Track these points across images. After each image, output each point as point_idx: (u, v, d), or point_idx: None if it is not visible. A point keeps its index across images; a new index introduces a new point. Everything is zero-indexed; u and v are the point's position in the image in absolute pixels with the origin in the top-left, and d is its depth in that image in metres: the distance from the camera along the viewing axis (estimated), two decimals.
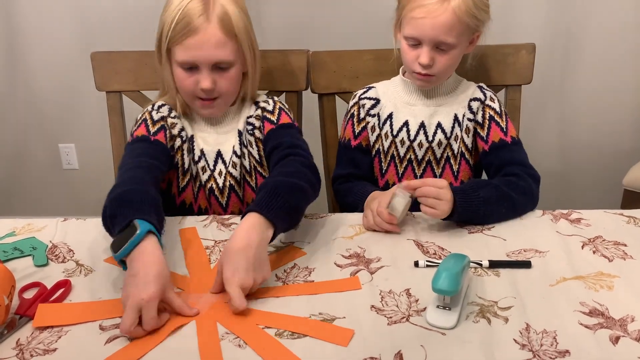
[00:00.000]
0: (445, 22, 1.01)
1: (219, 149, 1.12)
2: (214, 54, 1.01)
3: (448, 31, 1.02)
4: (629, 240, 0.92)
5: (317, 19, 2.01)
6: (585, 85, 2.06)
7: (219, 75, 1.03)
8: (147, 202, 0.86)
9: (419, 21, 1.03)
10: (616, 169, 1.92)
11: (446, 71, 1.10)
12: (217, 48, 1.00)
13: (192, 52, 1.00)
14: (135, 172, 0.96)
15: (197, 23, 0.98)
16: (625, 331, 0.70)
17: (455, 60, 1.09)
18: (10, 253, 0.92)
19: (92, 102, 2.14)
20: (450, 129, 1.15)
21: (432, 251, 0.90)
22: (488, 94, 1.15)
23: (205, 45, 0.99)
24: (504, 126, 1.13)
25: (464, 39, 1.07)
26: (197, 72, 1.02)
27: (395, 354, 0.67)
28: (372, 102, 1.18)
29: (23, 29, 2.14)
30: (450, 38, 1.03)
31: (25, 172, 2.39)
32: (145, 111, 1.10)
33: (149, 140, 1.05)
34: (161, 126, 1.07)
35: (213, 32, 0.99)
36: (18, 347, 0.70)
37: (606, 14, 1.95)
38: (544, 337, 0.69)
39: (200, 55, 1.00)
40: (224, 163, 1.12)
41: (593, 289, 0.79)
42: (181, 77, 1.04)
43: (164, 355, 0.68)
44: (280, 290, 0.81)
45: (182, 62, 1.02)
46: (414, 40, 1.06)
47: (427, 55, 1.05)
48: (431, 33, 1.03)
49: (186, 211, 1.14)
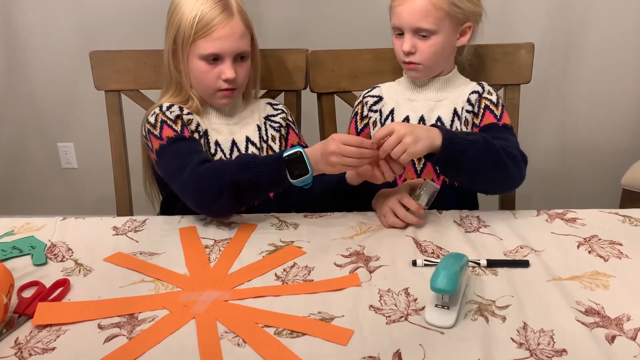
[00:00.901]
0: (420, 7, 1.06)
1: (232, 138, 1.16)
2: (239, 45, 1.08)
3: (424, 17, 1.06)
4: (624, 239, 0.92)
5: (316, 18, 2.01)
6: (584, 84, 2.06)
7: (238, 65, 1.10)
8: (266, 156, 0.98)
9: (398, 9, 1.09)
10: (615, 168, 1.93)
11: (431, 58, 1.10)
12: (241, 39, 1.09)
13: (220, 43, 1.06)
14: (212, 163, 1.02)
15: (222, 17, 1.05)
16: (621, 330, 0.70)
17: (439, 48, 1.09)
18: (9, 252, 0.92)
19: (91, 101, 2.14)
20: (449, 122, 1.16)
21: (430, 250, 0.91)
22: (487, 88, 1.17)
23: (233, 35, 1.07)
24: (498, 114, 1.14)
25: (446, 27, 1.08)
26: (220, 63, 1.08)
27: (394, 353, 0.67)
28: (375, 99, 1.20)
29: (22, 28, 2.13)
30: (426, 24, 1.06)
31: (24, 171, 2.39)
32: (155, 114, 1.09)
33: (185, 138, 1.08)
34: (182, 123, 1.10)
35: (238, 24, 1.07)
36: (17, 346, 0.70)
37: (605, 13, 1.95)
38: (541, 336, 0.69)
39: (228, 46, 1.07)
40: (239, 151, 1.15)
41: (589, 289, 0.79)
42: (204, 70, 1.08)
43: (164, 353, 0.68)
44: (280, 289, 0.81)
45: (208, 54, 1.07)
46: (397, 30, 1.11)
47: (408, 42, 1.09)
48: (408, 19, 1.07)
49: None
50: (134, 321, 0.74)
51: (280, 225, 1.01)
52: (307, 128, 1.38)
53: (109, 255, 0.91)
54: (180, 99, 1.13)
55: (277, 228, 1.00)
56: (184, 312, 0.76)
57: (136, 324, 0.74)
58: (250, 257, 0.90)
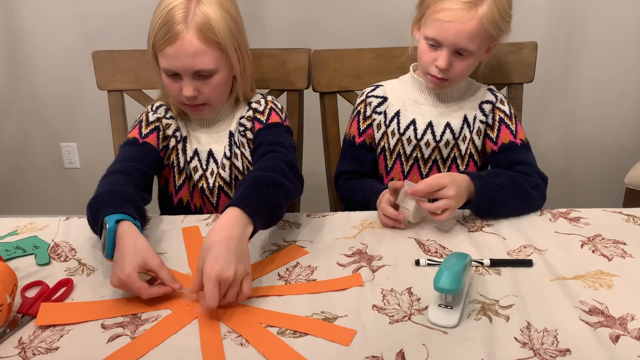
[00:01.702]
0: (471, 29, 1.01)
1: (210, 148, 1.13)
2: (192, 63, 0.99)
3: (472, 38, 1.02)
4: (628, 238, 0.92)
5: (319, 17, 2.01)
6: (587, 84, 2.06)
7: (202, 82, 1.03)
8: (116, 198, 0.88)
9: (444, 24, 1.01)
10: (618, 167, 1.93)
11: (461, 77, 1.11)
12: (195, 57, 0.99)
13: (171, 60, 1.00)
14: (112, 177, 0.99)
15: (176, 31, 0.97)
16: (625, 330, 0.70)
17: (471, 67, 1.09)
18: (13, 252, 0.92)
19: (93, 101, 2.15)
20: (459, 129, 1.15)
21: (434, 249, 0.91)
22: (499, 97, 1.16)
23: (183, 54, 0.98)
24: (514, 129, 1.14)
25: (484, 47, 1.07)
26: (180, 79, 1.03)
27: (397, 352, 0.67)
28: (379, 99, 1.19)
29: (25, 28, 2.14)
30: (472, 45, 1.03)
31: (27, 171, 2.39)
32: (144, 112, 1.13)
33: (138, 143, 1.09)
34: (155, 127, 1.10)
35: (190, 41, 0.97)
36: (20, 346, 0.70)
37: (608, 12, 1.95)
38: (545, 336, 0.69)
39: (179, 64, 1.00)
40: (215, 163, 1.13)
41: (593, 288, 0.79)
42: (167, 83, 1.05)
43: (167, 353, 0.69)
44: (283, 289, 0.81)
45: (164, 69, 1.02)
46: (434, 41, 1.05)
47: (446, 60, 1.04)
48: (454, 38, 1.02)
49: (184, 210, 1.16)
50: (137, 321, 0.74)
51: (283, 224, 1.01)
52: (309, 127, 1.38)
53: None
54: (167, 99, 1.13)
55: (279, 227, 1.00)
56: (187, 311, 0.76)
57: (139, 324, 0.74)
58: (253, 257, 0.90)
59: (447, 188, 0.93)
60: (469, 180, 0.97)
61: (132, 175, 1.01)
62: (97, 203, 0.88)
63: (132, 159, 1.06)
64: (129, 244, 0.80)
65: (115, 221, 0.83)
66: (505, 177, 1.01)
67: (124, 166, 1.03)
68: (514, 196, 0.99)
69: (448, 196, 0.93)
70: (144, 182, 1.04)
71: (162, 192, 1.20)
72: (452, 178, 0.95)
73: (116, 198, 0.88)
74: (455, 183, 0.94)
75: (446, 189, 0.93)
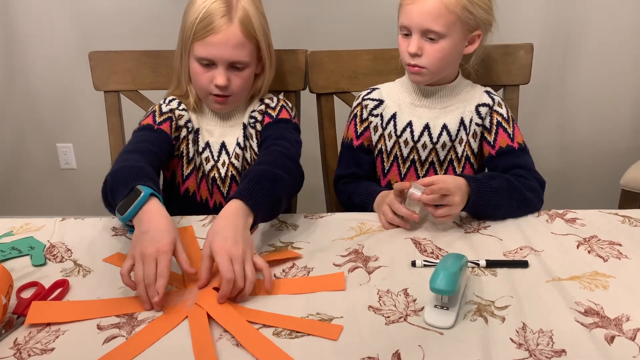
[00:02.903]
0: (432, 9, 1.03)
1: (223, 140, 1.16)
2: (232, 54, 1.05)
3: (435, 18, 1.03)
4: (623, 240, 0.92)
5: (316, 18, 2.02)
6: (583, 85, 2.06)
7: (233, 74, 1.08)
8: (144, 174, 0.90)
9: (408, 7, 1.05)
10: (614, 168, 1.93)
11: (437, 63, 1.08)
12: (236, 49, 1.05)
13: (212, 49, 1.04)
14: (132, 155, 1.00)
15: (219, 22, 1.03)
16: (621, 330, 0.70)
17: (446, 53, 1.07)
18: (8, 252, 0.92)
19: (90, 102, 2.14)
20: (455, 131, 1.15)
21: (430, 250, 0.91)
22: (496, 99, 1.16)
23: (225, 45, 1.04)
24: (511, 132, 1.14)
25: (455, 32, 1.06)
26: (213, 68, 1.07)
27: (393, 353, 0.67)
28: (375, 102, 1.19)
29: (21, 29, 2.13)
30: (437, 26, 1.03)
31: (23, 171, 2.39)
32: (156, 104, 1.16)
33: (153, 129, 1.10)
34: (168, 117, 1.12)
35: (234, 33, 1.04)
36: (15, 347, 0.70)
37: (604, 14, 1.96)
38: (540, 337, 0.69)
39: (219, 54, 1.05)
40: (227, 154, 1.16)
41: (588, 289, 0.79)
42: (197, 72, 1.08)
43: (160, 353, 0.68)
44: (262, 287, 0.81)
45: (201, 57, 1.06)
46: (405, 29, 1.08)
47: (415, 44, 1.06)
48: (418, 19, 1.04)
49: (189, 199, 1.18)
50: (133, 322, 0.74)
51: (279, 225, 1.01)
52: (306, 129, 1.37)
53: (108, 255, 0.91)
54: (179, 92, 1.16)
55: (276, 228, 1.00)
56: (178, 311, 0.76)
57: (135, 325, 0.73)
58: None
59: (452, 195, 0.94)
60: (466, 182, 0.98)
61: (148, 157, 1.02)
62: (128, 172, 0.89)
63: (148, 141, 1.07)
64: (165, 220, 0.82)
65: (150, 194, 0.84)
66: (501, 180, 1.01)
67: (141, 147, 1.04)
68: (510, 199, 1.00)
69: (454, 203, 0.94)
70: (157, 166, 1.06)
71: (169, 184, 1.20)
72: (457, 184, 0.96)
73: (150, 174, 0.90)
74: (460, 190, 0.96)
75: (452, 197, 0.94)
